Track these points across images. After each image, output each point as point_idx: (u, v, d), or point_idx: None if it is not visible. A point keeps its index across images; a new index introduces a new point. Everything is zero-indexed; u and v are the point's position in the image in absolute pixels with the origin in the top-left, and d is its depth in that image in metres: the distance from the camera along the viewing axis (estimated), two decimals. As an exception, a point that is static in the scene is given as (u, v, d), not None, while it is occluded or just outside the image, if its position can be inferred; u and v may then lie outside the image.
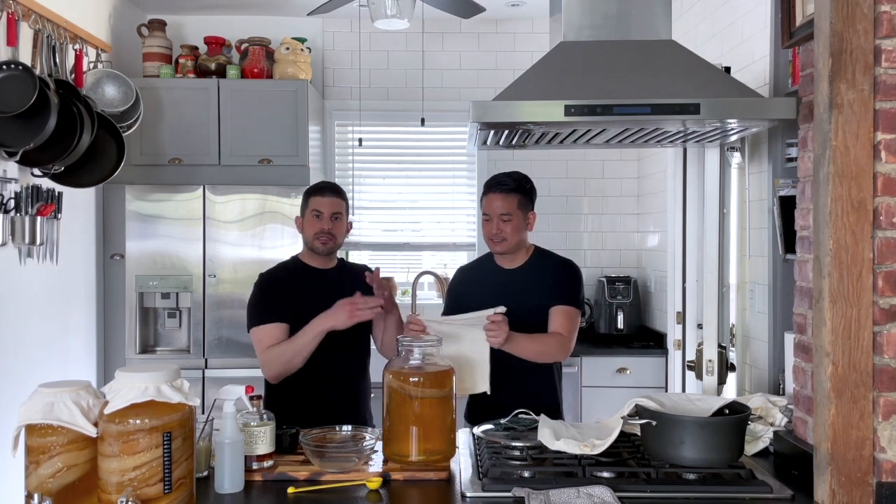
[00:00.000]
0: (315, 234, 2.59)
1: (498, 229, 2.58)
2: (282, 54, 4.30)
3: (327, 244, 2.60)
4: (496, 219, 2.59)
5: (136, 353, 4.09)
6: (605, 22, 2.31)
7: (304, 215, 2.65)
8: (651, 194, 4.63)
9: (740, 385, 3.15)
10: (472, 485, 1.86)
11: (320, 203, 2.60)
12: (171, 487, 1.62)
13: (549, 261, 2.70)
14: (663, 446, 1.91)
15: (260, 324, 2.54)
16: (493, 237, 2.60)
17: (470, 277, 2.77)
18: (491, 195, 2.62)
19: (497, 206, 2.59)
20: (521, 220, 2.61)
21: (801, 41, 2.03)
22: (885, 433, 1.70)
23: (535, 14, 4.74)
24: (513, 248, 2.63)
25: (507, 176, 2.67)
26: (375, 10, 3.52)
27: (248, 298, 2.61)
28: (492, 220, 2.60)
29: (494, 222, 2.59)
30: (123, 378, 1.64)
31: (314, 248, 2.61)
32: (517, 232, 2.60)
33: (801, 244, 2.01)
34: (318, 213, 2.59)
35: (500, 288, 2.61)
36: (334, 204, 2.61)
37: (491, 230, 2.60)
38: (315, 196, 2.62)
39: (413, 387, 2.02)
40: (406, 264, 5.02)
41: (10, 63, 3.06)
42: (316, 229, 2.59)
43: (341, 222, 2.63)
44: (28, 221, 3.31)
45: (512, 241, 2.60)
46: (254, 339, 2.55)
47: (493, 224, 2.60)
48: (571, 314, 2.58)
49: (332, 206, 2.60)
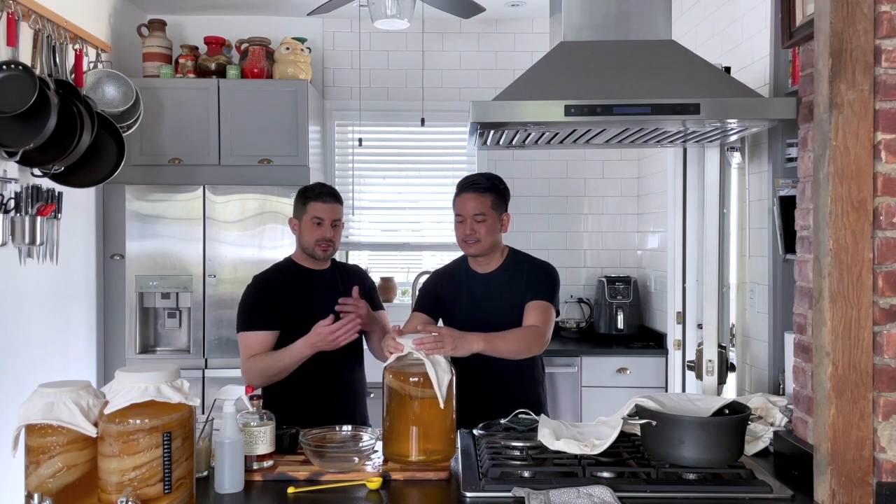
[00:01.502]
0: (316, 240, 2.59)
1: (472, 230, 2.54)
2: (282, 54, 4.30)
3: (328, 251, 2.60)
4: (469, 219, 2.54)
5: (136, 353, 4.09)
6: (605, 22, 2.31)
7: (300, 219, 2.63)
8: (651, 194, 4.63)
9: (740, 385, 3.15)
10: (472, 485, 1.86)
11: (321, 210, 2.58)
12: (171, 487, 1.62)
13: (524, 265, 2.64)
14: (663, 446, 1.91)
15: (248, 329, 2.55)
16: (466, 238, 2.56)
17: (445, 282, 2.69)
18: (464, 195, 2.58)
19: (470, 207, 2.55)
20: (495, 220, 2.56)
21: (801, 41, 2.03)
22: (885, 433, 1.70)
23: (535, 14, 4.74)
24: (487, 250, 2.58)
25: (480, 176, 2.63)
26: (375, 10, 3.52)
27: (240, 299, 2.62)
28: (465, 221, 2.56)
29: (468, 223, 2.55)
30: (123, 378, 1.64)
31: (314, 254, 2.61)
32: (491, 233, 2.55)
33: (801, 244, 2.01)
34: (318, 221, 2.58)
35: (474, 293, 2.59)
36: (335, 210, 2.60)
37: (465, 231, 2.56)
38: (315, 202, 2.60)
39: (413, 387, 2.02)
40: (406, 264, 5.02)
41: (10, 63, 3.06)
42: (317, 236, 2.58)
43: (340, 228, 2.65)
44: (28, 221, 3.31)
45: (486, 242, 2.55)
46: (240, 342, 2.56)
47: (466, 225, 2.55)
48: (544, 308, 2.51)
49: (333, 213, 2.60)
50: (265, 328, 2.53)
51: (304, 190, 2.67)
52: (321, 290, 2.61)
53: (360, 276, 2.80)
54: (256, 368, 2.49)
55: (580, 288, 4.92)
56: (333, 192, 2.65)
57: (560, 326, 4.81)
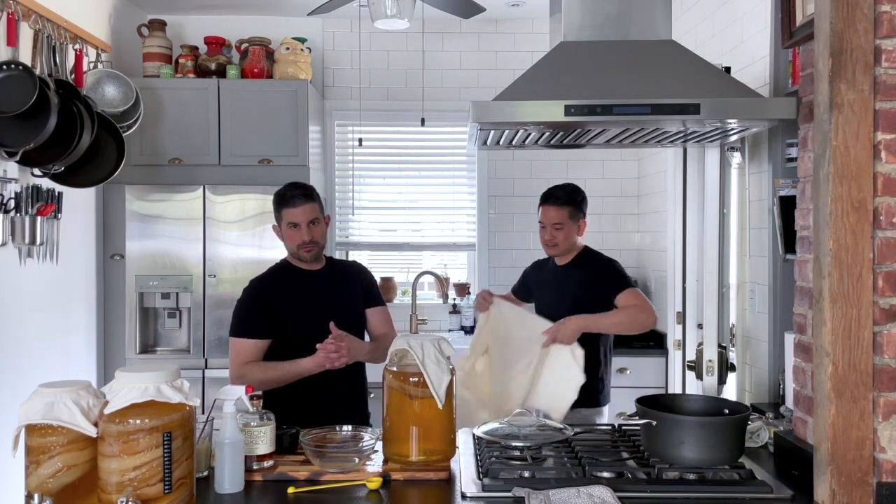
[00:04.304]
0: (297, 245, 2.58)
1: (550, 236, 2.97)
2: (282, 54, 4.30)
3: (312, 251, 2.59)
4: (549, 227, 2.97)
5: (136, 353, 4.09)
6: (606, 22, 2.31)
7: (280, 225, 2.61)
8: (651, 194, 4.63)
9: (740, 385, 3.15)
10: (472, 485, 1.86)
11: (294, 215, 2.55)
12: (171, 487, 1.62)
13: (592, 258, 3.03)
14: (663, 446, 1.91)
15: (240, 336, 2.55)
16: (546, 243, 3.00)
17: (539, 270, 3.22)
18: (545, 207, 3.00)
19: (550, 217, 2.97)
20: (571, 228, 2.98)
21: (801, 41, 2.03)
22: (885, 433, 1.70)
23: (535, 14, 4.74)
24: (563, 252, 3.01)
25: (560, 189, 3.01)
26: (375, 10, 3.52)
27: (236, 303, 2.62)
28: (546, 228, 2.98)
29: (548, 230, 2.97)
30: (123, 378, 1.64)
31: (300, 257, 2.60)
32: (567, 239, 2.97)
33: (801, 244, 2.01)
34: (294, 225, 2.56)
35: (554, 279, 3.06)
36: (308, 211, 2.56)
37: (545, 237, 2.99)
38: (287, 208, 2.56)
39: (413, 387, 2.01)
40: (406, 264, 5.02)
41: (10, 63, 3.06)
42: (297, 241, 2.57)
43: (320, 225, 2.60)
44: (28, 221, 3.30)
45: (563, 246, 2.98)
46: (231, 347, 2.56)
47: (546, 231, 2.98)
48: (632, 292, 2.85)
49: (306, 214, 2.55)
50: (257, 336, 2.54)
51: (276, 195, 2.62)
52: (317, 291, 2.61)
53: (359, 271, 2.79)
54: (248, 376, 2.48)
55: (580, 288, 4.91)
56: (306, 191, 2.59)
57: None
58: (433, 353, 2.03)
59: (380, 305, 2.75)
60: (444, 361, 2.06)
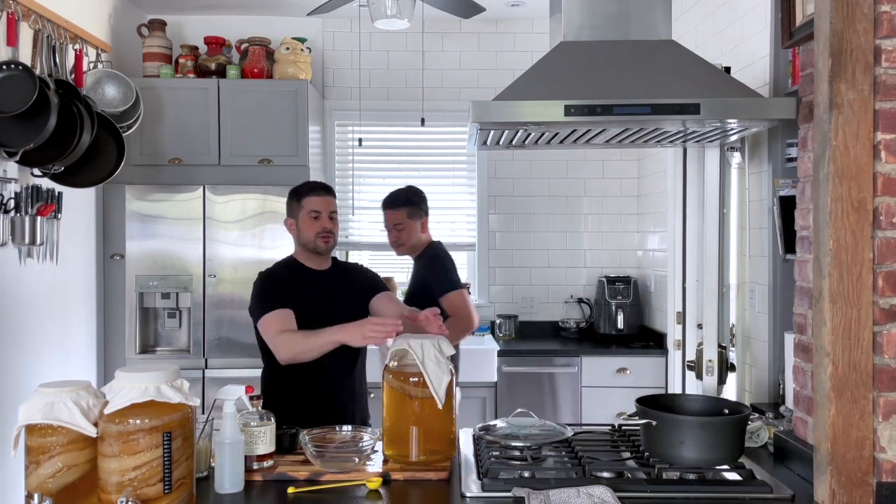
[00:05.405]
0: (317, 233, 2.59)
1: (395, 237, 3.23)
2: (282, 54, 4.30)
3: (329, 241, 2.61)
4: (392, 229, 3.22)
5: (136, 353, 4.09)
6: (605, 22, 2.31)
7: (297, 216, 2.63)
8: (651, 194, 4.63)
9: (740, 385, 3.15)
10: (472, 485, 1.86)
11: (317, 203, 2.61)
12: (171, 487, 1.62)
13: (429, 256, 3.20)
14: (663, 446, 1.91)
15: (267, 311, 2.50)
16: (392, 244, 3.27)
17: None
18: (385, 211, 3.24)
19: (390, 219, 3.22)
20: (412, 226, 3.21)
21: (801, 41, 2.03)
22: (885, 433, 1.70)
23: (535, 14, 4.74)
24: (410, 250, 3.26)
25: (397, 192, 3.24)
26: (375, 10, 3.52)
27: (252, 294, 2.59)
28: (390, 231, 3.24)
29: (392, 232, 3.23)
30: (123, 378, 1.64)
31: (317, 247, 2.60)
32: (410, 237, 3.21)
33: (801, 244, 2.01)
34: (316, 214, 2.60)
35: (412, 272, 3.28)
36: (330, 202, 2.64)
37: (390, 239, 3.26)
38: (310, 196, 2.62)
39: (413, 387, 2.02)
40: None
41: (10, 63, 3.06)
42: (317, 229, 2.59)
43: (336, 220, 2.66)
44: (28, 221, 3.30)
45: (408, 244, 3.23)
46: (263, 328, 2.50)
47: (391, 234, 3.24)
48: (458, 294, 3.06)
49: (328, 205, 2.63)
50: (282, 307, 2.50)
51: (296, 188, 2.69)
52: (323, 290, 2.61)
53: (361, 271, 2.79)
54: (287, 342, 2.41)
55: (580, 288, 4.92)
56: (326, 185, 2.70)
57: (560, 326, 4.82)
58: (433, 353, 2.03)
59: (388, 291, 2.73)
60: (443, 361, 2.06)
